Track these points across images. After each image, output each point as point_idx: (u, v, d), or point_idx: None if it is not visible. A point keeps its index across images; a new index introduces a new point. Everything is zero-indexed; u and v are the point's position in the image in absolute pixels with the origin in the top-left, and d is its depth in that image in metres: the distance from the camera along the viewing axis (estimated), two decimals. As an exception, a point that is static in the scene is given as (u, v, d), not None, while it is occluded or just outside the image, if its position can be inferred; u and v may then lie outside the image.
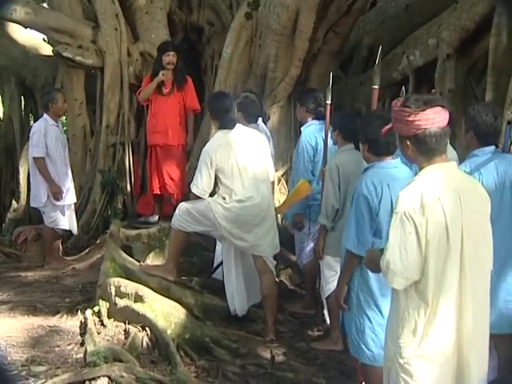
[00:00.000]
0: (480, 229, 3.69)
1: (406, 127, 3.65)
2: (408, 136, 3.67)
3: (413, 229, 3.51)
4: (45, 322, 6.49)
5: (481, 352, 3.70)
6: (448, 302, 3.57)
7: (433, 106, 3.64)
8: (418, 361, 3.58)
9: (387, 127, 3.92)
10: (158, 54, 8.97)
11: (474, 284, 3.64)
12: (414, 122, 3.61)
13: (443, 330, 3.57)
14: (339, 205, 6.01)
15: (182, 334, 5.96)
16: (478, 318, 3.66)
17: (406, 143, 3.70)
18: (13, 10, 10.01)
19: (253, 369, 5.73)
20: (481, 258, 3.69)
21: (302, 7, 9.58)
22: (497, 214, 4.89)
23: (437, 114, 3.62)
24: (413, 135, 3.64)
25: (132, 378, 5.21)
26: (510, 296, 5.01)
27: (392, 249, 3.53)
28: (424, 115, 3.60)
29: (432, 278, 3.54)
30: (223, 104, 6.44)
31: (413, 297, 3.61)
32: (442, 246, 3.54)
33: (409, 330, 3.60)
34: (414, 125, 3.61)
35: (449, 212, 3.54)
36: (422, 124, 3.60)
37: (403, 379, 3.61)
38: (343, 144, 6.28)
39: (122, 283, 6.25)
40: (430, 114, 3.60)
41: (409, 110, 3.63)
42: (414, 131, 3.63)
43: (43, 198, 8.60)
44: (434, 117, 3.61)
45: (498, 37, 8.54)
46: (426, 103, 3.64)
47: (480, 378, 3.69)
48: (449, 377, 3.61)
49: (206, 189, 6.33)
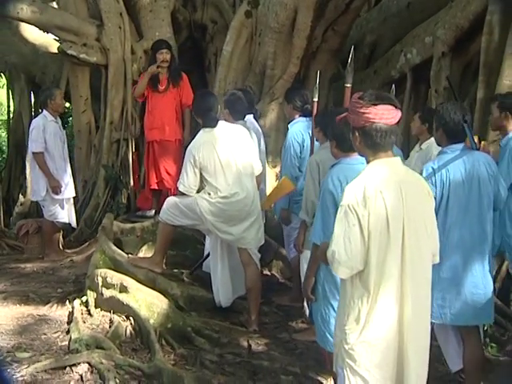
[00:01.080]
0: (422, 221, 3.87)
1: (357, 118, 3.86)
2: (357, 127, 3.88)
3: (356, 221, 3.69)
4: (35, 311, 6.73)
5: (421, 338, 3.89)
6: (389, 291, 3.75)
7: (385, 103, 3.83)
8: (361, 346, 3.77)
9: (341, 116, 4.14)
10: (152, 53, 9.22)
11: (415, 274, 3.82)
12: (364, 114, 3.80)
13: (384, 317, 3.75)
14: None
15: (165, 323, 6.15)
16: (419, 305, 3.85)
17: (355, 134, 3.92)
18: (19, 8, 10.28)
19: (230, 357, 5.91)
20: (422, 248, 3.87)
21: (299, 6, 9.72)
22: (465, 210, 5.10)
23: (386, 110, 3.80)
24: (361, 126, 3.84)
25: (111, 364, 5.42)
26: (476, 289, 5.16)
27: (337, 240, 3.72)
28: (374, 109, 3.79)
29: (374, 268, 3.72)
30: (205, 103, 6.61)
31: (357, 286, 3.80)
32: (383, 237, 3.72)
33: (353, 317, 3.79)
34: (363, 116, 3.81)
35: (390, 204, 3.72)
36: (370, 117, 3.79)
37: (348, 364, 3.81)
38: (324, 141, 6.42)
39: (108, 274, 6.46)
40: (380, 109, 3.79)
41: (362, 102, 3.84)
42: (363, 123, 3.82)
43: (42, 192, 8.85)
44: (383, 113, 3.79)
45: (489, 35, 8.67)
46: (378, 99, 3.84)
47: (419, 363, 3.87)
48: (390, 361, 3.80)
49: (192, 186, 6.50)
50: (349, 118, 3.99)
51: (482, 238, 5.17)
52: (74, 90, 11.29)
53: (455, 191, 5.10)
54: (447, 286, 5.14)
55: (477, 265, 5.16)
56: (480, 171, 5.16)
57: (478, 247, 5.17)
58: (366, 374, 3.76)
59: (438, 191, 5.09)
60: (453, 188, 5.10)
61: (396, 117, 3.84)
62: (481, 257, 5.18)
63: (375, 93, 3.93)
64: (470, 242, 5.13)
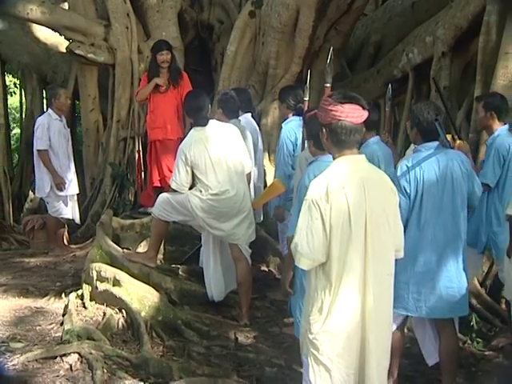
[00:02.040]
0: (384, 216, 4.01)
1: (324, 115, 4.03)
2: (325, 124, 4.06)
3: (318, 215, 3.85)
4: (33, 303, 6.93)
5: (382, 329, 4.06)
6: (350, 283, 3.91)
7: (352, 102, 4.00)
8: (324, 336, 3.93)
9: (311, 113, 4.34)
10: (153, 54, 9.36)
11: (377, 267, 3.97)
12: (331, 112, 3.98)
13: (346, 308, 3.91)
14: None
15: (155, 316, 6.32)
16: (380, 297, 4.00)
17: (323, 130, 4.09)
18: (29, 9, 10.58)
19: (217, 349, 6.08)
20: (384, 243, 4.02)
21: (301, 6, 9.88)
22: (438, 207, 5.24)
23: (353, 109, 3.97)
24: (328, 123, 4.02)
25: (100, 354, 5.59)
26: (450, 282, 5.29)
27: (300, 233, 3.89)
28: (340, 107, 3.96)
29: (335, 261, 3.89)
30: (196, 103, 6.76)
31: (320, 278, 3.96)
32: (344, 230, 3.88)
33: (316, 308, 3.96)
34: (330, 114, 3.98)
35: (352, 200, 3.88)
36: (336, 115, 3.96)
37: (312, 353, 3.98)
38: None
39: (102, 268, 6.65)
40: (347, 108, 3.96)
41: (330, 100, 4.01)
42: (330, 120, 3.99)
43: (46, 189, 9.09)
44: (349, 111, 3.96)
45: (487, 35, 8.75)
46: (346, 98, 4.02)
47: (380, 353, 4.04)
48: (352, 351, 3.96)
49: (183, 183, 6.66)
50: (318, 115, 4.15)
51: (455, 234, 5.30)
52: (82, 89, 11.53)
53: (429, 189, 5.23)
54: (422, 280, 5.27)
55: (451, 260, 5.29)
56: (453, 169, 5.29)
57: (452, 244, 5.30)
58: (329, 363, 3.93)
59: (413, 189, 5.23)
60: (427, 185, 5.23)
61: (362, 116, 4.00)
62: (455, 253, 5.31)
63: (343, 92, 4.10)
64: (444, 238, 5.26)
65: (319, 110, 4.11)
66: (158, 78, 9.06)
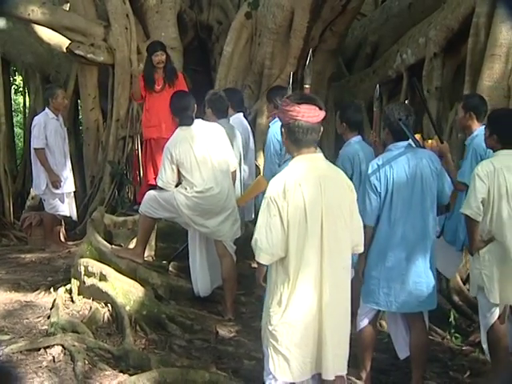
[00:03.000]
0: (340, 213, 4.19)
1: (283, 115, 4.22)
2: (284, 124, 4.23)
3: (276, 211, 4.03)
4: (23, 297, 7.12)
5: (339, 321, 4.25)
6: (307, 277, 4.08)
7: (308, 103, 4.17)
8: (282, 327, 4.12)
9: (272, 113, 4.51)
10: (148, 55, 9.52)
11: (333, 261, 4.15)
12: (289, 112, 4.16)
13: (303, 300, 4.09)
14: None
15: (140, 310, 6.48)
16: (337, 290, 4.18)
17: (283, 130, 4.25)
18: (30, 10, 10.76)
19: (198, 343, 6.25)
20: (340, 238, 4.19)
21: (296, 7, 10.07)
22: (408, 205, 5.40)
23: (309, 110, 4.14)
24: (286, 123, 4.21)
25: (83, 347, 5.77)
26: (419, 278, 5.45)
27: (259, 229, 4.06)
28: (297, 108, 4.13)
29: (293, 255, 4.07)
30: (182, 103, 6.93)
31: (279, 272, 4.14)
32: (301, 226, 4.05)
33: (276, 300, 4.14)
34: (288, 114, 4.16)
35: (308, 197, 4.05)
36: (294, 115, 4.14)
37: (271, 343, 4.17)
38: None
39: (89, 263, 6.82)
40: (303, 108, 4.13)
41: (288, 101, 4.18)
42: (288, 120, 4.18)
43: (42, 186, 9.31)
44: (305, 112, 4.13)
45: (476, 37, 8.90)
46: (302, 99, 4.20)
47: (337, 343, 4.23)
48: (309, 341, 4.14)
49: (169, 181, 6.82)
50: (278, 115, 4.32)
51: (424, 232, 5.46)
52: (82, 88, 11.73)
53: (399, 187, 5.39)
54: (392, 276, 5.43)
55: (420, 257, 5.46)
56: (423, 168, 5.44)
57: (421, 241, 5.46)
58: (287, 353, 4.11)
59: (383, 187, 5.39)
60: (396, 184, 5.38)
61: (318, 116, 4.17)
62: (423, 250, 5.47)
63: (300, 93, 4.28)
64: (413, 236, 5.43)
65: (279, 110, 4.28)
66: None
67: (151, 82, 9.45)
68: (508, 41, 8.23)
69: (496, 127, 5.74)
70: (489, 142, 5.84)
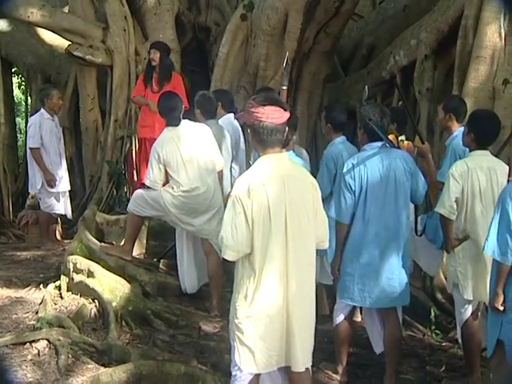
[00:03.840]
0: (304, 210, 4.34)
1: (248, 117, 4.37)
2: (249, 125, 4.39)
3: (241, 209, 4.19)
4: (14, 293, 7.30)
5: (305, 314, 4.41)
6: (272, 272, 4.24)
7: (272, 104, 4.31)
8: (248, 320, 4.28)
9: (238, 115, 4.66)
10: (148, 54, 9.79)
11: (298, 257, 4.30)
12: (253, 113, 4.31)
13: (268, 294, 4.25)
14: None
15: (126, 306, 6.64)
16: (302, 285, 4.34)
17: (249, 131, 4.41)
18: (30, 12, 10.97)
19: (181, 338, 6.41)
20: (304, 235, 4.34)
21: (290, 9, 10.20)
22: (382, 203, 5.55)
23: (273, 111, 4.29)
24: (251, 124, 4.35)
25: (68, 341, 5.94)
26: (392, 274, 5.61)
27: (225, 227, 4.22)
28: (262, 109, 4.28)
29: (258, 251, 4.22)
30: (169, 103, 7.08)
31: (246, 267, 4.30)
32: (266, 224, 4.21)
33: (242, 294, 4.30)
34: (253, 115, 4.31)
35: (272, 195, 4.21)
36: (258, 116, 4.29)
37: (237, 336, 4.33)
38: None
39: (78, 260, 7.00)
40: (267, 110, 4.28)
41: (253, 102, 4.33)
42: (253, 121, 4.32)
43: (38, 185, 9.50)
44: (269, 113, 4.28)
45: (464, 39, 9.00)
46: (266, 100, 4.35)
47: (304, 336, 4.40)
48: (275, 334, 4.30)
49: (157, 180, 6.98)
50: (243, 116, 4.47)
51: (397, 231, 5.62)
52: (81, 89, 11.92)
53: (372, 186, 5.54)
54: (366, 272, 5.58)
55: (393, 254, 5.61)
56: (396, 167, 5.59)
57: (394, 239, 5.62)
58: (252, 345, 4.27)
59: (357, 185, 5.54)
60: (370, 183, 5.53)
61: (282, 117, 4.32)
62: (396, 248, 5.62)
63: (265, 95, 4.43)
64: (387, 233, 5.58)
65: (244, 112, 4.44)
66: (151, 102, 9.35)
67: (149, 79, 9.63)
68: (493, 43, 8.35)
69: (473, 126, 5.88)
70: (466, 140, 5.98)
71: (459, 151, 6.55)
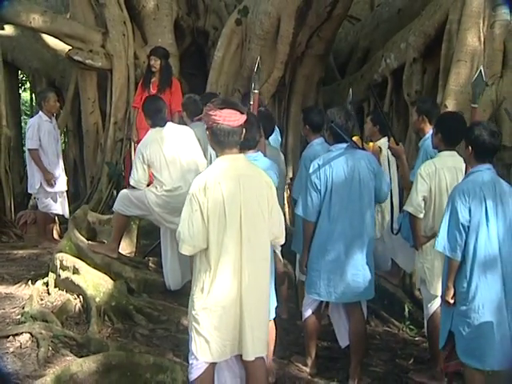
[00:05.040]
0: (259, 208, 4.59)
1: (207, 119, 4.63)
2: (208, 127, 4.62)
3: (198, 206, 4.45)
4: (4, 289, 7.55)
5: (258, 305, 4.65)
6: (227, 266, 4.49)
7: (229, 107, 4.57)
8: (204, 312, 4.53)
9: (197, 117, 4.95)
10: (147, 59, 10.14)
11: (252, 252, 4.55)
12: (212, 116, 4.56)
13: (222, 287, 4.50)
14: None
15: (109, 301, 6.87)
16: (256, 278, 4.59)
17: (208, 133, 4.64)
18: (32, 18, 11.25)
19: (160, 332, 6.66)
20: (259, 231, 4.59)
21: (282, 14, 10.45)
22: (347, 202, 5.79)
23: (229, 114, 4.55)
24: (210, 127, 4.60)
25: (49, 334, 6.18)
26: (356, 270, 5.85)
27: (183, 222, 4.48)
28: (219, 112, 4.54)
29: (214, 246, 4.47)
30: (155, 106, 7.35)
31: (203, 261, 4.56)
32: (221, 220, 4.46)
33: (199, 287, 4.55)
34: (211, 118, 4.57)
35: (227, 193, 4.46)
36: (216, 119, 4.54)
37: (194, 327, 4.59)
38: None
39: (64, 258, 7.25)
40: (224, 113, 4.54)
41: (211, 105, 4.59)
42: (211, 123, 4.58)
43: (37, 185, 9.79)
44: (226, 116, 4.54)
45: (448, 43, 9.26)
46: (224, 104, 4.61)
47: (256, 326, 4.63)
48: (229, 324, 4.56)
49: (141, 180, 7.23)
50: (203, 119, 4.72)
51: (361, 229, 5.87)
52: (82, 92, 12.21)
53: (337, 186, 5.78)
54: (332, 269, 5.83)
55: (357, 251, 5.85)
56: (360, 168, 5.82)
57: (358, 237, 5.87)
58: (207, 335, 4.52)
59: (323, 185, 5.78)
60: (335, 183, 5.77)
61: (239, 120, 4.57)
62: (361, 245, 5.87)
63: (222, 99, 4.68)
64: (351, 232, 5.82)
65: (203, 115, 4.69)
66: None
67: (147, 84, 9.93)
68: (473, 47, 8.57)
69: (441, 127, 6.09)
70: (434, 141, 6.19)
71: (430, 152, 6.75)
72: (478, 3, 8.61)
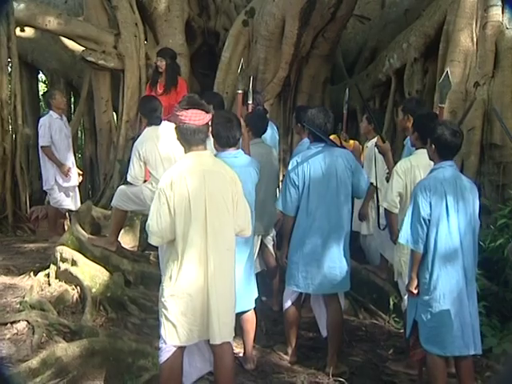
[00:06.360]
0: (223, 201, 4.88)
1: (174, 119, 4.96)
2: (176, 126, 4.91)
3: (165, 200, 4.74)
4: (9, 280, 7.90)
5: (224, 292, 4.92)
6: (192, 256, 4.78)
7: (194, 107, 4.87)
8: (172, 299, 4.83)
9: (167, 117, 5.26)
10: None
11: (217, 243, 4.84)
12: (178, 116, 4.87)
13: (189, 276, 4.79)
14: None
15: (104, 292, 7.20)
16: (221, 268, 4.88)
17: (176, 131, 4.94)
18: (47, 21, 11.63)
19: (151, 321, 6.92)
20: (223, 224, 4.88)
21: (286, 15, 10.71)
22: (323, 198, 6.05)
23: (195, 114, 4.86)
24: (177, 126, 4.88)
25: (45, 322, 6.52)
26: (333, 263, 6.10)
27: (151, 215, 4.79)
28: (185, 112, 4.84)
29: (180, 238, 4.76)
30: (151, 105, 7.66)
31: (171, 252, 4.86)
32: (186, 213, 4.76)
33: (168, 276, 4.85)
34: (178, 118, 4.88)
35: (192, 188, 4.75)
36: (182, 118, 4.85)
37: (163, 312, 4.90)
38: (253, 138, 7.41)
39: (64, 250, 7.58)
40: (190, 112, 4.85)
41: (178, 106, 4.89)
42: (178, 123, 4.87)
43: (51, 181, 10.15)
44: (192, 115, 4.85)
45: (446, 43, 9.44)
46: (189, 104, 4.92)
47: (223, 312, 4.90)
48: (195, 310, 4.84)
49: (138, 177, 7.53)
50: (171, 119, 5.03)
51: (338, 223, 6.12)
52: (96, 92, 12.59)
53: (315, 181, 6.04)
54: (310, 261, 6.09)
55: (334, 245, 6.11)
56: (337, 165, 6.08)
57: (335, 231, 6.13)
58: (175, 320, 4.83)
59: (300, 181, 6.05)
60: (313, 179, 6.04)
61: (204, 119, 4.87)
62: (337, 239, 6.13)
63: (188, 100, 4.97)
64: (328, 226, 6.08)
65: (172, 115, 4.99)
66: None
67: (154, 83, 10.29)
68: (465, 48, 8.75)
69: (417, 126, 6.31)
70: (412, 139, 6.42)
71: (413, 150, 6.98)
72: (470, 4, 8.79)
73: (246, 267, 6.01)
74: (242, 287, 5.90)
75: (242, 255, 5.90)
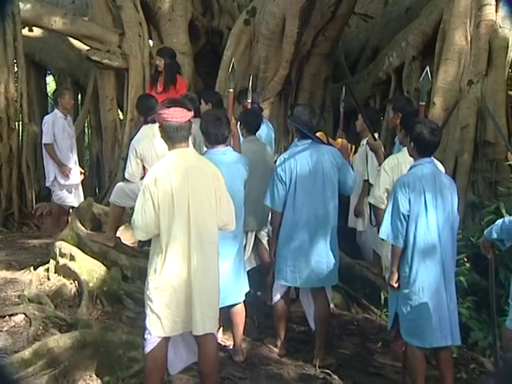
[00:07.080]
0: (206, 197, 5.04)
1: (158, 117, 5.13)
2: (159, 125, 5.09)
3: (149, 196, 4.91)
4: (10, 275, 8.11)
5: (207, 285, 5.08)
6: (176, 249, 4.94)
7: (176, 106, 5.04)
8: (156, 291, 5.00)
9: (151, 117, 5.45)
10: None
11: (200, 237, 5.00)
12: (161, 115, 5.05)
13: (172, 269, 4.95)
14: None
15: (101, 286, 7.39)
16: (204, 261, 5.04)
17: (159, 130, 5.11)
18: (53, 20, 11.84)
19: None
20: (206, 218, 5.04)
21: (286, 14, 10.82)
22: (310, 194, 6.19)
23: (177, 112, 5.03)
24: (161, 124, 5.06)
25: (42, 315, 6.72)
26: (320, 257, 6.25)
27: (137, 211, 4.96)
28: (167, 111, 5.02)
29: (164, 232, 4.93)
30: (147, 103, 7.84)
31: (156, 246, 5.03)
32: (170, 208, 4.92)
33: (153, 269, 5.02)
34: (161, 116, 5.05)
35: (175, 184, 4.91)
36: (165, 117, 5.02)
37: (148, 304, 5.07)
38: (247, 135, 7.58)
39: (62, 245, 7.78)
40: (172, 111, 5.02)
41: (160, 105, 5.07)
42: (161, 121, 5.05)
43: (51, 178, 10.35)
44: (174, 113, 5.02)
45: (442, 42, 9.52)
46: (171, 103, 5.10)
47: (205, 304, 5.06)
48: (179, 303, 5.01)
49: (135, 174, 7.71)
50: (156, 118, 5.20)
51: (325, 219, 6.27)
52: (100, 91, 12.78)
53: (301, 178, 6.19)
54: (297, 256, 6.24)
55: (321, 239, 6.25)
56: (324, 162, 6.22)
57: (322, 226, 6.27)
58: (159, 312, 5.00)
59: (287, 177, 6.20)
60: (299, 175, 6.18)
61: (185, 116, 5.04)
62: (324, 234, 6.27)
63: (171, 99, 5.15)
64: (315, 222, 6.23)
65: (156, 114, 5.17)
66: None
67: (154, 82, 10.48)
68: (460, 46, 8.85)
69: (404, 123, 6.45)
70: (400, 137, 6.57)
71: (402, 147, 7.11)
72: (465, 3, 8.88)
73: (235, 261, 6.16)
74: (232, 281, 6.07)
75: (231, 250, 6.07)
